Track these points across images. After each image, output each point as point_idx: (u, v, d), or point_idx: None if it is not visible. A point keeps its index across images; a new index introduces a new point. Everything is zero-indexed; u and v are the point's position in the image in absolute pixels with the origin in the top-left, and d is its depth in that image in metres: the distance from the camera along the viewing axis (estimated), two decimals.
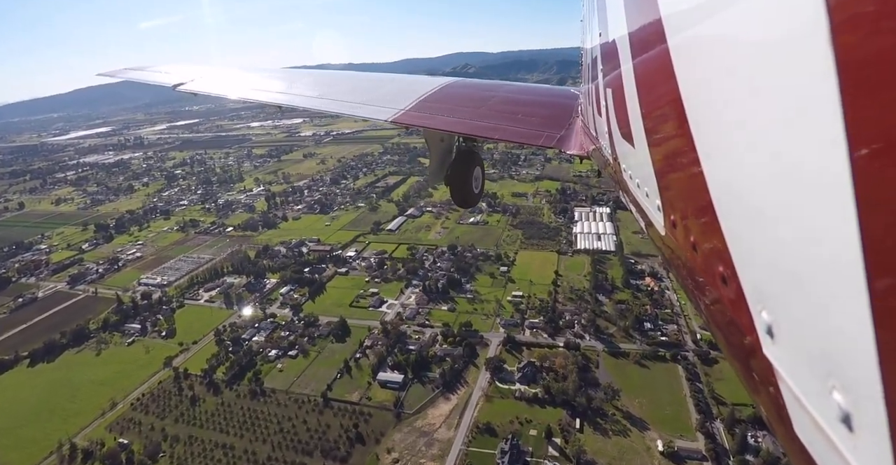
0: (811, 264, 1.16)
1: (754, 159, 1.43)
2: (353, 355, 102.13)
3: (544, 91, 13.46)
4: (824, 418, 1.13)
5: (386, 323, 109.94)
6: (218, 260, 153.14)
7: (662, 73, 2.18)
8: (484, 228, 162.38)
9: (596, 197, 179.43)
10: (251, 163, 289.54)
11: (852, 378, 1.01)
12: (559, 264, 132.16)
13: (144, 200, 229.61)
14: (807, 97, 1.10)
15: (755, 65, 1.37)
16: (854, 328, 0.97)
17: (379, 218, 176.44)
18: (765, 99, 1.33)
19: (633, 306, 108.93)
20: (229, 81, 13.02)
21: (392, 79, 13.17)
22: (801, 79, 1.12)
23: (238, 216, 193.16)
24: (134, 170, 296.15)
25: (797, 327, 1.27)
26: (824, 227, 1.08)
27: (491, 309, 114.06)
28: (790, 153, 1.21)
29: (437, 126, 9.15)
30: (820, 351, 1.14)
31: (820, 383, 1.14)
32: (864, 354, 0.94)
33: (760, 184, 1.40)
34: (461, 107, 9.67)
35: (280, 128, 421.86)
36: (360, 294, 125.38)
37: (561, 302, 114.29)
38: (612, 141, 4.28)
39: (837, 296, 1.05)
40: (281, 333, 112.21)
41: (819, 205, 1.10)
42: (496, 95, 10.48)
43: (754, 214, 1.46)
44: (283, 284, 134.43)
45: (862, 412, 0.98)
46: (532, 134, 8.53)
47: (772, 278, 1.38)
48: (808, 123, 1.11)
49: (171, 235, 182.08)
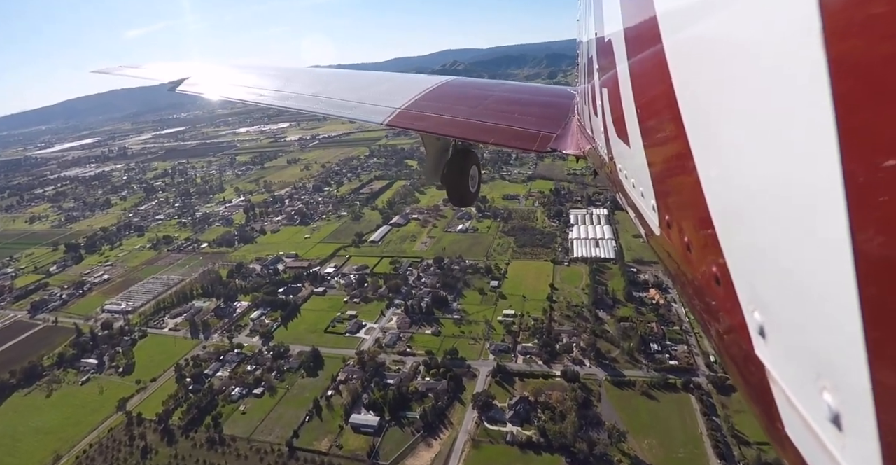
0: (803, 265, 1.16)
1: (748, 160, 1.43)
2: (324, 392, 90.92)
3: (541, 91, 12.48)
4: (814, 418, 1.14)
5: (363, 353, 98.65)
6: (188, 281, 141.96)
7: (658, 73, 2.22)
8: (473, 236, 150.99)
9: (592, 197, 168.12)
10: (233, 171, 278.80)
11: (842, 379, 1.02)
12: (554, 276, 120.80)
13: (120, 215, 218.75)
14: (800, 98, 1.11)
15: (750, 65, 1.37)
16: (844, 329, 0.98)
17: (362, 228, 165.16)
18: (759, 100, 1.33)
19: (638, 323, 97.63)
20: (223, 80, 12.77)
21: (388, 78, 13.21)
22: (795, 80, 1.13)
23: (214, 231, 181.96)
24: (114, 183, 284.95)
25: (789, 328, 1.28)
26: (816, 228, 1.08)
27: (480, 332, 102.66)
28: (783, 154, 1.22)
29: (431, 129, 9.01)
30: (811, 352, 1.15)
31: (810, 383, 1.15)
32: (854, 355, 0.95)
33: (754, 184, 1.41)
34: (456, 108, 9.32)
35: (266, 133, 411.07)
36: (336, 318, 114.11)
37: (557, 321, 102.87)
38: (607, 141, 4.22)
39: (828, 297, 1.05)
40: (247, 366, 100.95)
41: (811, 206, 1.10)
42: (492, 95, 10.19)
43: (748, 214, 1.46)
44: (255, 307, 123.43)
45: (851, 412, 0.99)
46: (528, 136, 8.26)
47: (764, 278, 1.38)
48: (802, 124, 1.12)
49: (143, 253, 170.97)
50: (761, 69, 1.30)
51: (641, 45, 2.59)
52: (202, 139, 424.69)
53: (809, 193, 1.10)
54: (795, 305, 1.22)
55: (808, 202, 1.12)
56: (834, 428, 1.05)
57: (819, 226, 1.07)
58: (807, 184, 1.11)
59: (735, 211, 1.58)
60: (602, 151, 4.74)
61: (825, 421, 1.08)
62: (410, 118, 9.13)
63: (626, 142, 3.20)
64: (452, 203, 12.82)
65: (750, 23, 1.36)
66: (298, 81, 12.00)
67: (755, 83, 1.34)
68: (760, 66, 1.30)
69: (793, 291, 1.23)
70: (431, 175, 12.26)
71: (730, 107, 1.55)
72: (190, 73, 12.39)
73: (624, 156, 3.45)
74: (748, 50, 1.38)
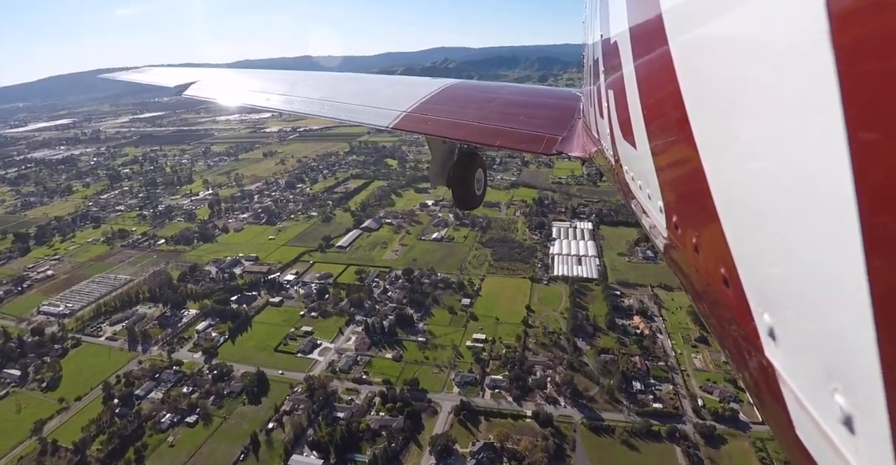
0: (813, 267, 1.16)
1: (756, 161, 1.44)
2: (265, 424, 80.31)
3: (546, 93, 12.92)
4: (826, 420, 1.13)
5: (313, 379, 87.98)
6: (136, 283, 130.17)
7: (664, 75, 2.24)
8: (448, 246, 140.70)
9: (577, 209, 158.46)
10: (206, 161, 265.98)
11: (854, 381, 1.02)
12: (532, 295, 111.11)
13: (79, 203, 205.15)
14: (808, 98, 1.11)
15: (757, 66, 1.38)
16: (855, 331, 0.97)
17: (331, 231, 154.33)
18: (767, 100, 1.34)
19: (619, 357, 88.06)
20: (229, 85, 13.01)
21: (394, 81, 14.24)
22: (803, 80, 1.13)
23: (174, 226, 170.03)
24: (80, 168, 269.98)
25: (799, 330, 1.28)
26: (826, 229, 1.08)
27: (446, 359, 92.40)
28: (792, 155, 1.22)
29: (437, 133, 9.05)
30: (821, 353, 1.15)
31: (821, 385, 1.14)
32: (866, 356, 0.94)
33: (762, 186, 1.40)
34: (461, 111, 9.52)
35: (246, 122, 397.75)
36: (290, 334, 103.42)
37: (532, 349, 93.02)
38: (613, 143, 4.25)
39: (839, 298, 1.05)
40: (183, 388, 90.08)
41: (821, 207, 1.10)
42: (497, 98, 10.34)
43: (756, 216, 1.47)
44: (203, 317, 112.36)
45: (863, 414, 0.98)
46: (534, 138, 8.27)
47: (774, 280, 1.38)
48: (810, 124, 1.11)
49: (95, 248, 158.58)
50: (768, 69, 1.30)
51: (647, 47, 2.64)
52: (180, 126, 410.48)
53: (819, 193, 1.10)
54: (805, 306, 1.21)
55: (817, 203, 1.11)
56: (846, 430, 1.04)
57: (829, 226, 1.06)
58: (816, 184, 1.11)
59: (743, 212, 1.57)
60: (608, 154, 4.74)
61: (837, 423, 1.07)
62: (416, 122, 9.19)
63: (633, 144, 3.20)
64: (458, 206, 12.43)
65: (756, 23, 1.36)
66: (304, 86, 12.27)
67: (762, 84, 1.34)
68: (768, 66, 1.30)
69: (803, 292, 1.22)
70: (437, 178, 11.96)
71: (737, 107, 1.55)
72: (197, 78, 12.68)
73: (630, 158, 3.45)
74: (755, 50, 1.38)
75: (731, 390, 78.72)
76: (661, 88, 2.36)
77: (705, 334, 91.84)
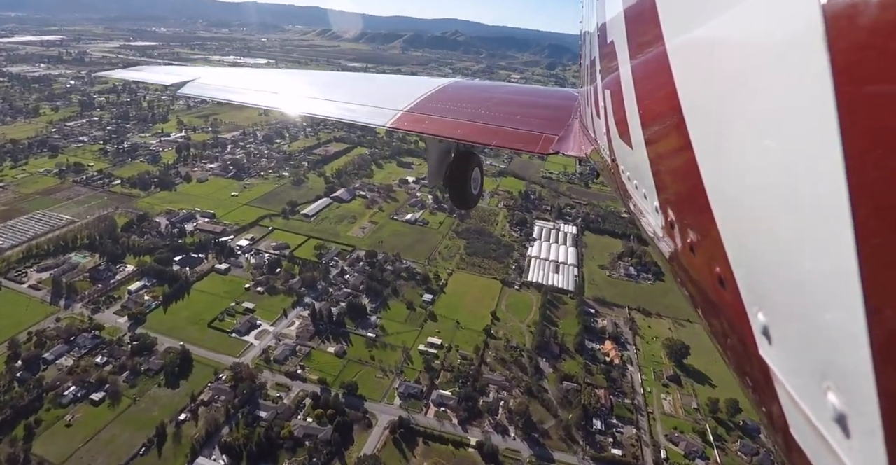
0: (807, 266, 1.16)
1: (751, 161, 1.45)
2: (177, 413, 71.18)
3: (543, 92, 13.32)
4: (820, 419, 1.14)
5: (241, 367, 78.51)
6: (77, 226, 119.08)
7: (660, 75, 2.27)
8: (420, 231, 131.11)
9: (563, 209, 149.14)
10: (187, 101, 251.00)
11: (847, 380, 1.02)
12: (500, 300, 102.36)
13: (42, 128, 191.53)
14: (803, 98, 1.12)
15: (752, 67, 1.40)
16: (849, 330, 0.98)
17: (300, 196, 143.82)
18: (761, 101, 1.36)
19: (583, 387, 79.54)
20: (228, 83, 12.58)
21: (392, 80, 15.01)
22: (798, 81, 1.15)
23: (135, 167, 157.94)
24: (55, 89, 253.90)
25: (793, 329, 1.28)
26: (820, 228, 1.09)
27: (393, 362, 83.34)
28: (786, 155, 1.23)
29: (434, 132, 9.03)
30: (815, 352, 1.15)
31: (815, 384, 1.14)
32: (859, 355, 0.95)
33: (757, 185, 1.42)
34: (458, 110, 9.50)
35: (241, 66, 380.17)
36: (229, 309, 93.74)
37: (489, 365, 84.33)
38: (610, 142, 4.29)
39: (832, 297, 1.06)
40: (97, 358, 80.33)
41: (815, 207, 1.11)
42: (494, 97, 10.36)
43: (751, 215, 1.48)
44: (140, 275, 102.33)
45: (857, 413, 0.99)
46: (531, 138, 8.31)
47: (768, 279, 1.39)
48: (805, 123, 1.13)
49: (45, 179, 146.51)
50: (764, 70, 1.31)
51: (644, 48, 2.71)
52: (170, 59, 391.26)
53: (813, 193, 1.11)
54: (800, 305, 1.22)
55: (811, 202, 1.12)
56: (839, 429, 1.05)
57: (823, 226, 1.07)
58: (810, 184, 1.12)
59: (738, 212, 1.58)
60: (604, 153, 4.75)
61: (830, 422, 1.08)
62: (413, 121, 9.17)
63: (629, 143, 3.23)
64: (454, 205, 12.45)
65: (752, 24, 1.39)
66: (302, 84, 12.45)
67: (758, 84, 1.36)
68: (763, 66, 1.32)
69: (797, 291, 1.23)
70: (434, 177, 11.99)
71: (732, 108, 1.57)
72: (195, 76, 12.23)
73: (626, 157, 3.47)
74: (750, 51, 1.41)
75: (698, 443, 70.98)
76: (657, 87, 2.42)
77: (679, 373, 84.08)
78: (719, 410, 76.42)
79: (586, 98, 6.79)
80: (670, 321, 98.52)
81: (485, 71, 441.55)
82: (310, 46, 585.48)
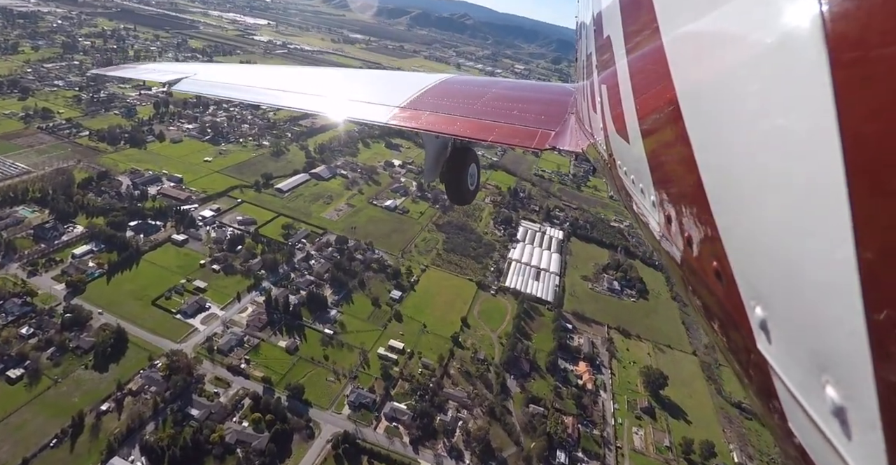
0: (806, 260, 1.16)
1: (749, 154, 1.45)
2: (101, 402, 63.90)
3: (539, 88, 13.13)
4: (818, 413, 1.14)
5: (179, 356, 70.99)
6: (32, 177, 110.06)
7: (657, 69, 2.28)
8: (398, 220, 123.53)
9: (551, 211, 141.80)
10: (176, 54, 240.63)
11: (845, 373, 1.02)
12: (474, 305, 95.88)
13: (18, 67, 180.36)
14: (802, 92, 1.12)
15: (749, 60, 1.40)
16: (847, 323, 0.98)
17: (277, 168, 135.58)
18: (759, 95, 1.36)
19: (550, 412, 73.38)
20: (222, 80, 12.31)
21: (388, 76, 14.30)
22: (796, 73, 1.15)
23: (107, 119, 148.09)
24: (40, 27, 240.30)
25: (791, 323, 1.28)
26: (818, 221, 1.09)
27: (348, 364, 76.36)
28: (784, 148, 1.23)
29: (430, 128, 8.87)
30: (813, 346, 1.15)
31: (814, 378, 1.14)
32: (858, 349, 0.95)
33: (755, 179, 1.42)
34: (455, 106, 9.37)
35: (238, 25, 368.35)
36: (178, 286, 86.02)
37: (452, 378, 77.78)
38: (606, 137, 4.27)
39: (831, 291, 1.06)
40: (23, 328, 72.43)
41: (813, 200, 1.11)
42: (490, 93, 10.17)
43: (749, 209, 1.47)
44: (88, 239, 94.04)
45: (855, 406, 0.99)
46: (527, 134, 8.21)
47: (766, 273, 1.39)
48: (803, 117, 1.13)
49: (8, 122, 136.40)
50: (762, 64, 1.32)
51: (641, 42, 2.73)
52: (167, 9, 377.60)
53: (811, 186, 1.11)
54: (798, 299, 1.22)
55: (809, 195, 1.12)
56: (838, 423, 1.05)
57: (821, 219, 1.08)
58: (809, 177, 1.12)
59: (736, 206, 1.58)
60: (601, 148, 4.74)
61: (829, 416, 1.08)
62: (410, 117, 9.05)
63: (626, 138, 3.23)
64: (450, 201, 12.35)
65: (749, 17, 1.39)
66: (298, 81, 12.09)
67: (756, 78, 1.36)
68: (761, 60, 1.32)
69: (795, 285, 1.22)
70: (431, 173, 11.71)
71: (730, 101, 1.57)
72: (189, 73, 11.91)
73: (623, 152, 3.47)
74: (748, 44, 1.40)
75: None
76: (654, 82, 2.41)
77: (654, 404, 78.19)
78: (692, 451, 70.77)
79: (583, 93, 6.68)
80: (650, 345, 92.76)
81: (489, 58, 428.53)
82: (314, 13, 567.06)
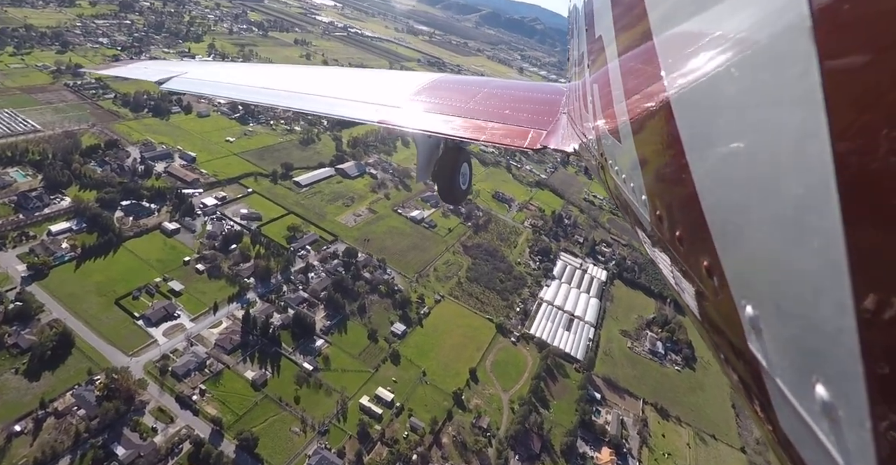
0: (796, 258, 1.17)
1: (739, 153, 1.46)
2: (14, 422, 52.75)
3: (531, 87, 12.11)
4: (808, 411, 1.14)
5: (122, 375, 58.85)
6: (37, 137, 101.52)
7: (648, 68, 2.32)
8: (422, 234, 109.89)
9: (597, 245, 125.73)
10: (231, 25, 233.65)
11: (835, 372, 1.03)
12: (488, 353, 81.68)
13: (68, 20, 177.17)
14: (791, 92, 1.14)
15: (740, 60, 1.41)
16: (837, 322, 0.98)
17: (301, 159, 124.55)
18: (749, 94, 1.37)
19: None
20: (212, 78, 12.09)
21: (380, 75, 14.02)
22: (786, 73, 1.16)
23: (136, 83, 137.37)
24: None
25: (781, 322, 1.28)
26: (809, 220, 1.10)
27: (321, 413, 63.32)
28: (775, 147, 1.24)
29: (422, 128, 8.76)
30: (804, 345, 1.16)
31: (804, 376, 1.15)
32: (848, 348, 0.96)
33: (745, 178, 1.43)
34: (447, 106, 9.15)
35: (304, 2, 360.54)
36: (150, 285, 74.60)
37: (444, 449, 63.73)
38: (598, 136, 4.29)
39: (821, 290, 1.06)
40: None
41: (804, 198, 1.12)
42: (482, 92, 9.93)
43: (739, 208, 1.48)
44: (72, 214, 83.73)
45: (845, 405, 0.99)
46: (519, 133, 7.92)
47: (756, 272, 1.40)
48: (793, 116, 1.14)
49: (37, 75, 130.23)
50: (752, 63, 1.34)
51: (632, 41, 2.74)
52: None
53: (802, 184, 1.11)
54: (788, 298, 1.22)
55: (800, 194, 1.13)
56: (827, 422, 1.05)
57: (812, 218, 1.08)
58: (799, 176, 1.13)
59: (726, 204, 1.58)
60: (593, 147, 4.76)
61: (819, 414, 1.08)
62: (402, 116, 8.87)
63: (617, 138, 3.25)
64: (443, 200, 11.97)
65: (740, 17, 1.41)
66: (292, 80, 11.83)
67: (745, 77, 1.38)
68: (751, 60, 1.34)
69: (785, 284, 1.23)
70: (423, 172, 11.62)
71: (721, 101, 1.58)
72: (181, 71, 11.81)
73: (615, 151, 3.48)
74: (738, 44, 1.42)
75: None
76: (645, 81, 2.43)
77: None
78: None
79: (574, 92, 6.72)
80: (691, 433, 76.41)
81: (554, 65, 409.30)
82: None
